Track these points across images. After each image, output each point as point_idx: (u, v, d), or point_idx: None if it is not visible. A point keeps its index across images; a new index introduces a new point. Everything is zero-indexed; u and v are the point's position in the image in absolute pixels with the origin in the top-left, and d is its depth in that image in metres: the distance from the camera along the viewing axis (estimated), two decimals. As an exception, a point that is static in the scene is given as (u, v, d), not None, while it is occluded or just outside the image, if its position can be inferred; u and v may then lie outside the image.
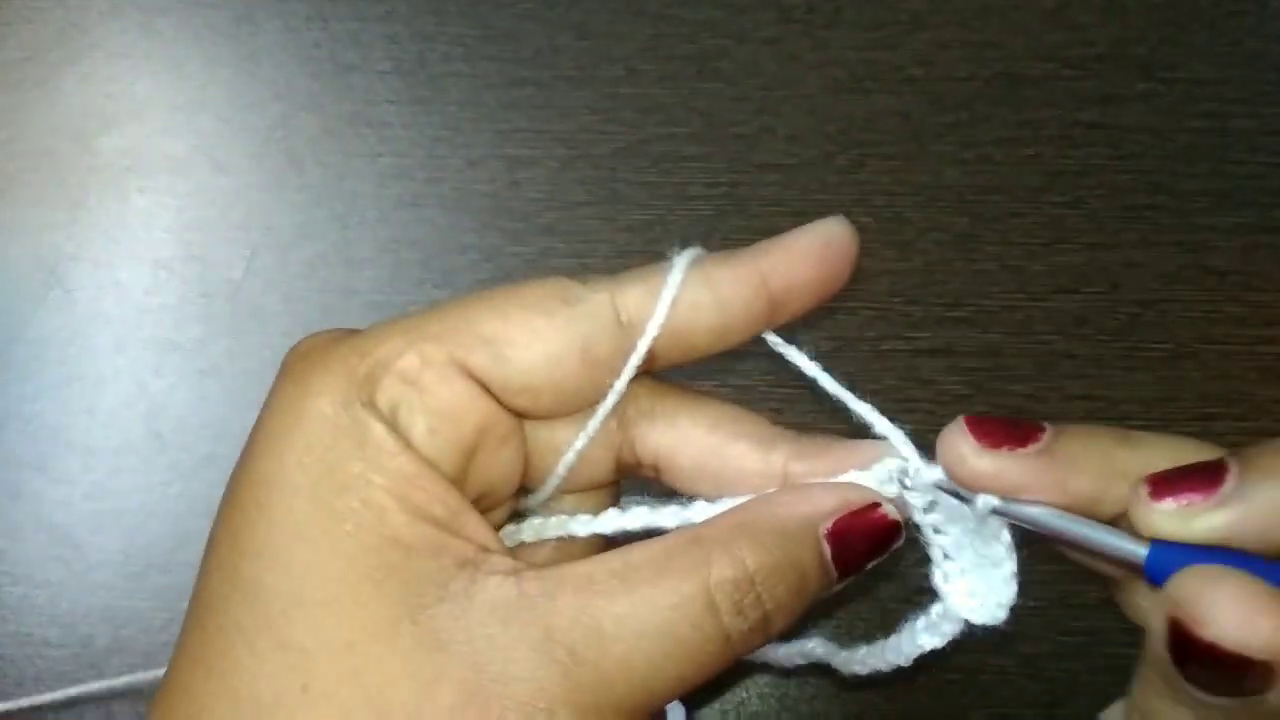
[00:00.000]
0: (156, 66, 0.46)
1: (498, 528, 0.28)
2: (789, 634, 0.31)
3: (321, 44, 0.46)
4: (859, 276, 0.46)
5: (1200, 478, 0.25)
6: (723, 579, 0.25)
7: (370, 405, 0.25)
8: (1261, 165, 0.45)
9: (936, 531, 0.28)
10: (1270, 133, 0.45)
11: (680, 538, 0.26)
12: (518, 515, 0.29)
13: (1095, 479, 0.26)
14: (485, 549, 0.25)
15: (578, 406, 0.27)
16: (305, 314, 0.44)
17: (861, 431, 0.29)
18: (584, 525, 0.28)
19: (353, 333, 0.26)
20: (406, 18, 0.46)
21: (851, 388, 0.29)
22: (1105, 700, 0.31)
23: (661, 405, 0.29)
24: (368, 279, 0.44)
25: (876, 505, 0.27)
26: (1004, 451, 0.26)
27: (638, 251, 0.44)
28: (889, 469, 0.28)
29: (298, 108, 0.45)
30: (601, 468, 0.29)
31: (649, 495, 0.30)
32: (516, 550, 0.28)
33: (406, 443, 0.25)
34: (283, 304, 0.44)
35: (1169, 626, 0.23)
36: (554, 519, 0.29)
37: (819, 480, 0.28)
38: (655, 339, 0.27)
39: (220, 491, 0.42)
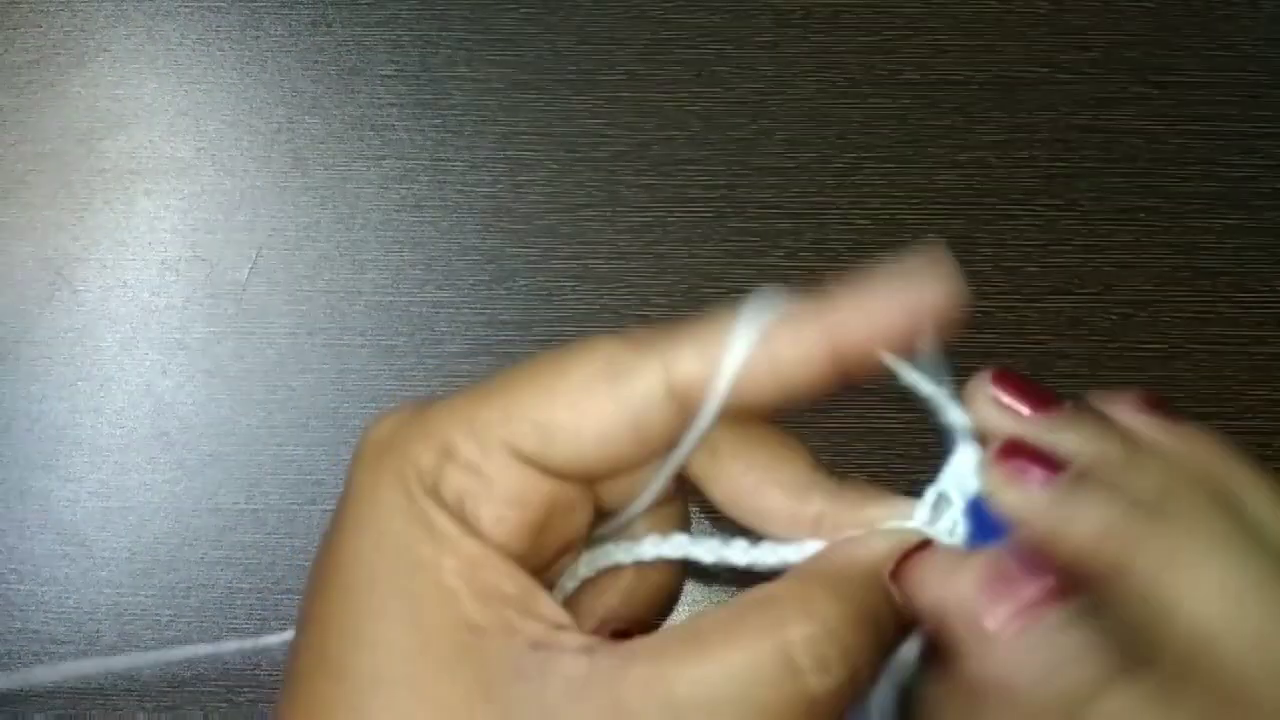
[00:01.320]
0: (162, 70, 0.46)
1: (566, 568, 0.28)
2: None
3: (325, 48, 0.46)
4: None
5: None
6: (801, 635, 0.24)
7: (435, 494, 0.25)
8: (1254, 168, 0.45)
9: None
10: (1263, 136, 0.46)
11: (752, 597, 0.25)
12: (593, 543, 0.29)
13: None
14: (558, 627, 0.24)
15: (635, 471, 0.27)
16: (310, 314, 0.44)
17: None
18: (626, 553, 0.28)
19: (421, 413, 0.26)
20: (409, 23, 0.46)
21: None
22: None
23: (710, 432, 0.28)
24: (372, 280, 0.44)
25: (929, 544, 0.26)
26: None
27: (637, 253, 0.44)
28: (927, 509, 0.27)
29: (302, 111, 0.45)
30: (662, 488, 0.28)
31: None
32: (591, 586, 0.28)
33: (473, 529, 0.25)
34: (288, 304, 0.44)
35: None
36: (603, 549, 0.28)
37: (856, 529, 0.27)
38: (713, 419, 0.26)
39: (225, 488, 0.43)
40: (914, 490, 0.28)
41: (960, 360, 0.44)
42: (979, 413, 0.27)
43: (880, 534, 0.26)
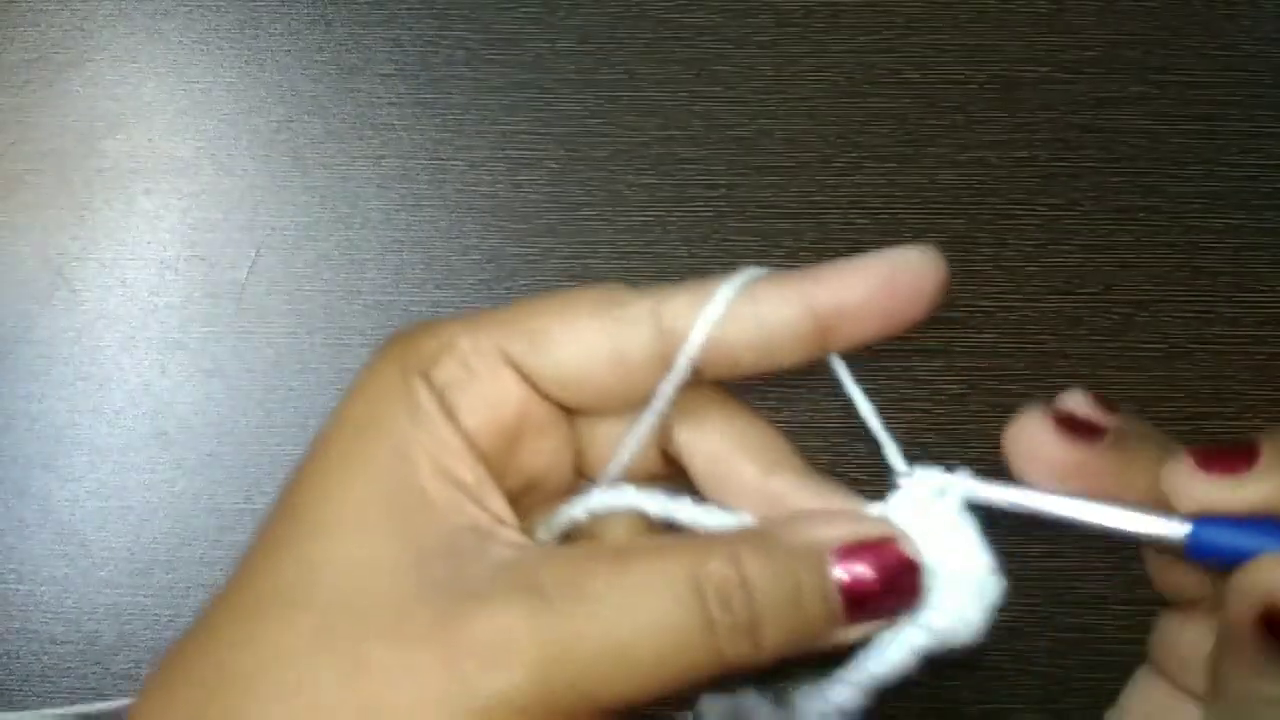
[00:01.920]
0: (162, 70, 0.46)
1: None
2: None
3: (325, 48, 0.46)
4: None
5: (1238, 450, 0.26)
6: (715, 570, 0.25)
7: (425, 377, 0.27)
8: (1254, 168, 0.45)
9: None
10: (1263, 135, 0.46)
11: (686, 535, 0.27)
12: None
13: (1151, 476, 0.26)
14: (500, 521, 0.26)
15: (617, 406, 0.28)
16: (309, 314, 0.44)
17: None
18: (581, 506, 0.29)
19: (439, 319, 0.29)
20: (409, 22, 0.46)
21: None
22: (1101, 696, 0.32)
23: (695, 404, 0.29)
24: (371, 279, 0.44)
25: (890, 540, 0.27)
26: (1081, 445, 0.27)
27: (638, 252, 0.44)
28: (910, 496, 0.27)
29: (302, 110, 0.45)
30: (648, 459, 0.30)
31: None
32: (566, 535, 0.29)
33: (449, 414, 0.26)
34: (287, 304, 0.44)
35: (1266, 609, 0.24)
36: (564, 506, 0.29)
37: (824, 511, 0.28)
38: (695, 356, 0.27)
39: (224, 488, 0.43)
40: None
41: (960, 359, 0.44)
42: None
43: (834, 518, 0.27)
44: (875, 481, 0.42)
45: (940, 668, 0.38)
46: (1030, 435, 0.27)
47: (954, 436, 0.43)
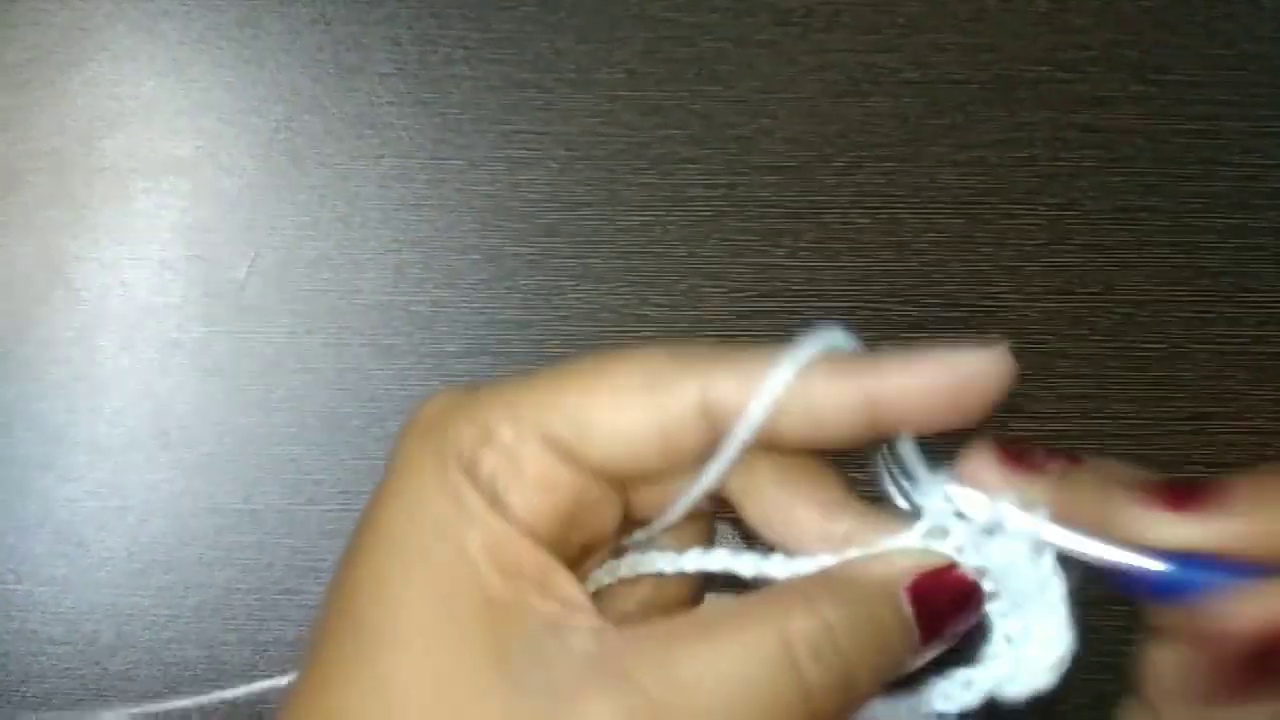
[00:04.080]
0: (161, 69, 0.46)
1: (601, 564, 0.29)
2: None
3: (324, 47, 0.46)
4: (857, 278, 0.47)
5: (1200, 486, 0.25)
6: (800, 627, 0.25)
7: (470, 471, 0.26)
8: (1254, 167, 0.45)
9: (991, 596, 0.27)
10: (1262, 135, 0.46)
11: (759, 594, 0.26)
12: (619, 550, 0.30)
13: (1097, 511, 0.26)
14: (573, 607, 0.26)
15: (663, 479, 0.28)
16: (309, 314, 0.44)
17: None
18: (669, 563, 0.29)
19: (469, 394, 0.27)
20: (409, 21, 0.46)
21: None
22: (1101, 698, 0.32)
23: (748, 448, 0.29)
24: (371, 279, 0.44)
25: (952, 566, 0.27)
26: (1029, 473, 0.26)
27: (638, 251, 0.44)
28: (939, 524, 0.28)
29: (301, 109, 0.46)
30: (696, 502, 0.29)
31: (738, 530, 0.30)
32: (612, 590, 0.29)
33: (500, 508, 0.26)
34: (286, 304, 0.44)
35: (1262, 638, 0.24)
36: (646, 556, 0.29)
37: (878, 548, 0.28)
38: (745, 442, 0.27)
39: (223, 488, 0.43)
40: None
41: (961, 359, 0.44)
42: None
43: (899, 552, 0.27)
44: (875, 481, 0.42)
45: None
46: (977, 465, 0.27)
47: (954, 436, 0.43)
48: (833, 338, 0.27)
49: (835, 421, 0.26)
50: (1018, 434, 0.43)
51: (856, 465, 0.32)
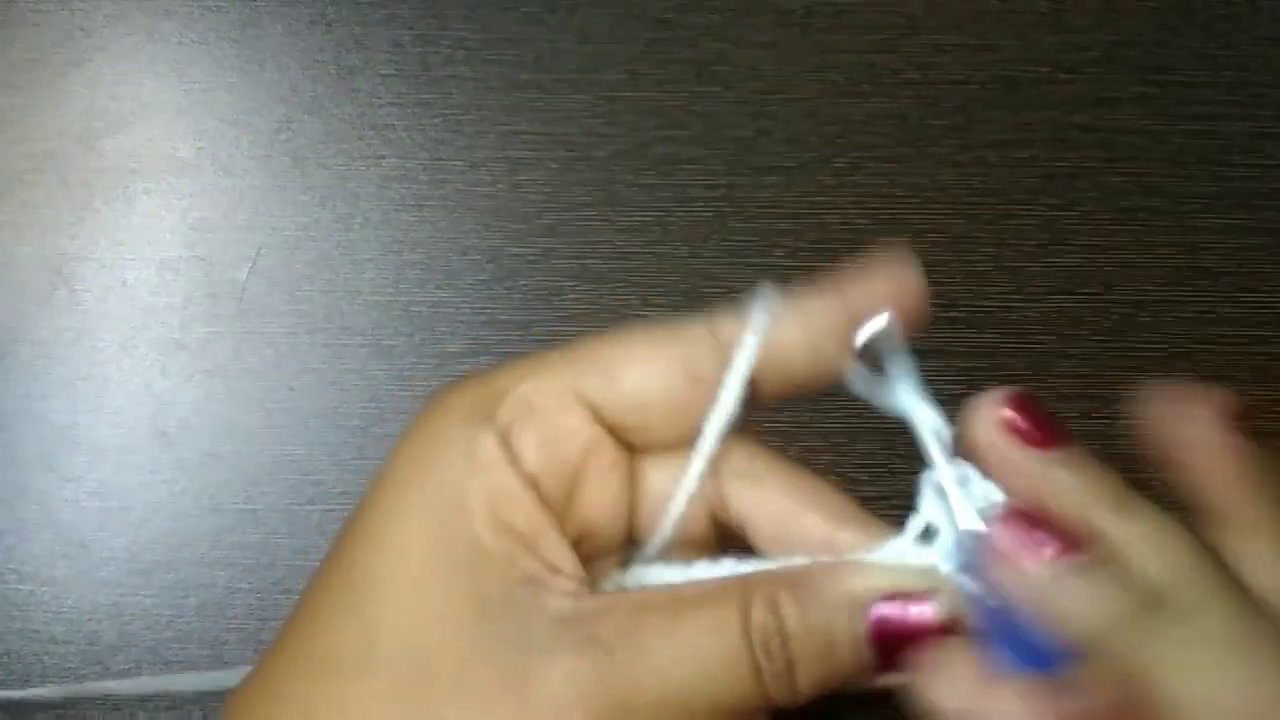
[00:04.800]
0: (161, 70, 0.46)
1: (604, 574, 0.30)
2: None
3: (325, 47, 0.46)
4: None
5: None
6: (758, 616, 0.26)
7: (488, 421, 0.27)
8: (1255, 168, 0.45)
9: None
10: (1263, 135, 0.46)
11: (733, 578, 0.27)
12: (626, 562, 0.30)
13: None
14: (556, 569, 0.26)
15: (686, 429, 0.28)
16: (309, 314, 0.44)
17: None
18: (677, 573, 0.29)
19: (501, 367, 0.29)
20: (409, 21, 0.46)
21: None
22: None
23: (753, 466, 0.30)
24: (371, 279, 0.44)
25: (928, 596, 0.27)
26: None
27: (638, 252, 0.44)
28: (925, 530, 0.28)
29: (302, 110, 0.46)
30: (699, 524, 0.30)
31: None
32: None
33: (510, 458, 0.27)
34: (287, 304, 0.44)
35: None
36: (653, 568, 0.29)
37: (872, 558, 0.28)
38: (753, 364, 0.28)
39: (224, 488, 0.43)
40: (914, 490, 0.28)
41: (961, 360, 0.44)
42: (980, 432, 0.27)
43: (871, 569, 0.27)
44: (875, 481, 0.42)
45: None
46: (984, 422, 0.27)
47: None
48: (774, 292, 0.29)
49: (828, 335, 0.28)
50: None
51: (869, 481, 0.33)
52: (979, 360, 0.44)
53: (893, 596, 0.27)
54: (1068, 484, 0.26)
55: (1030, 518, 0.25)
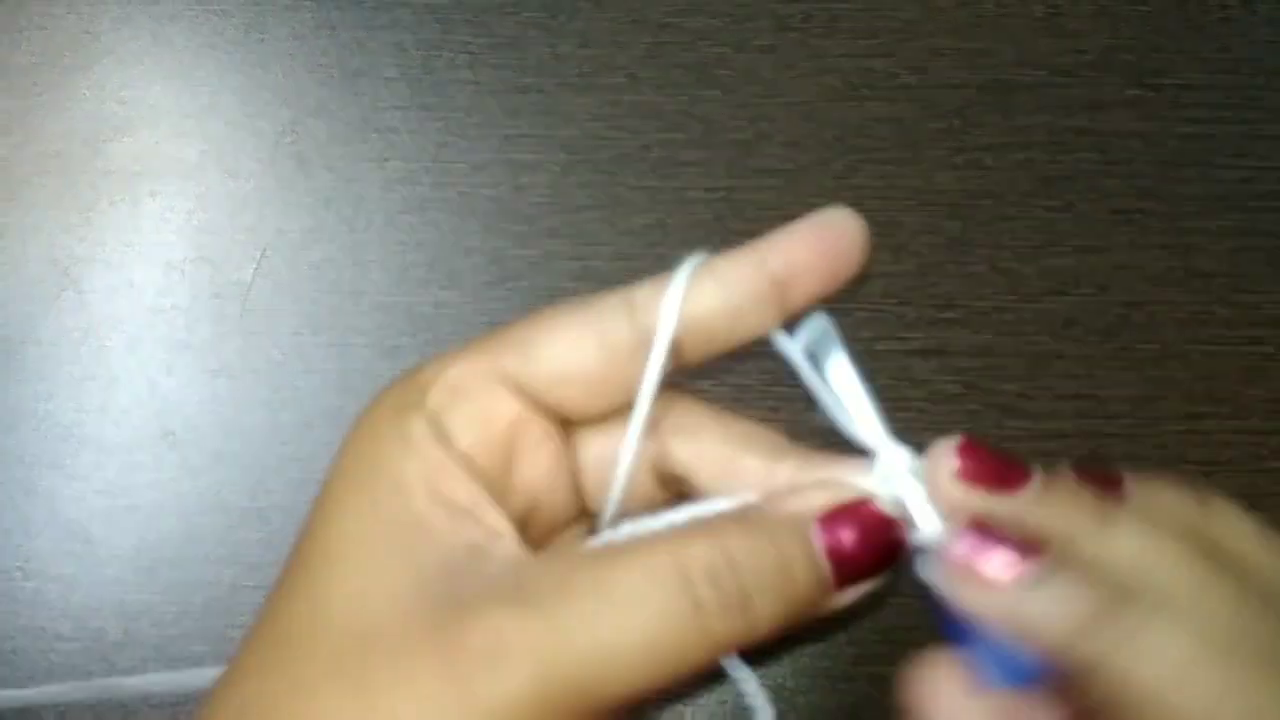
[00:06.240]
0: (168, 73, 0.46)
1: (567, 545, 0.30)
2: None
3: (329, 51, 0.46)
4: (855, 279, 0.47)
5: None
6: (699, 554, 0.26)
7: (418, 408, 0.28)
8: (1249, 170, 0.46)
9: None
10: (1257, 138, 0.46)
11: (672, 528, 0.27)
12: (592, 531, 0.31)
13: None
14: (495, 535, 0.27)
15: (609, 400, 0.29)
16: (314, 315, 0.44)
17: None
18: (642, 525, 0.29)
19: (421, 363, 0.30)
20: (413, 26, 0.46)
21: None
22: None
23: (689, 420, 0.30)
24: (375, 281, 0.45)
25: (868, 501, 0.28)
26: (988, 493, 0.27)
27: (639, 254, 0.45)
28: (886, 470, 0.28)
29: (306, 114, 0.46)
30: (645, 485, 0.30)
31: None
32: None
33: (441, 438, 0.27)
34: (292, 305, 0.44)
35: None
36: (619, 530, 0.30)
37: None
38: (672, 329, 0.28)
39: (230, 487, 0.43)
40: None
41: (957, 360, 0.44)
42: (942, 488, 0.27)
43: (816, 488, 0.28)
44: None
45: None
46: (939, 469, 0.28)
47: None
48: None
49: (746, 298, 0.28)
50: (1012, 433, 0.43)
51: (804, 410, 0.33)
52: (974, 360, 0.44)
53: (840, 509, 0.27)
54: (1045, 514, 0.27)
55: (985, 530, 0.26)
